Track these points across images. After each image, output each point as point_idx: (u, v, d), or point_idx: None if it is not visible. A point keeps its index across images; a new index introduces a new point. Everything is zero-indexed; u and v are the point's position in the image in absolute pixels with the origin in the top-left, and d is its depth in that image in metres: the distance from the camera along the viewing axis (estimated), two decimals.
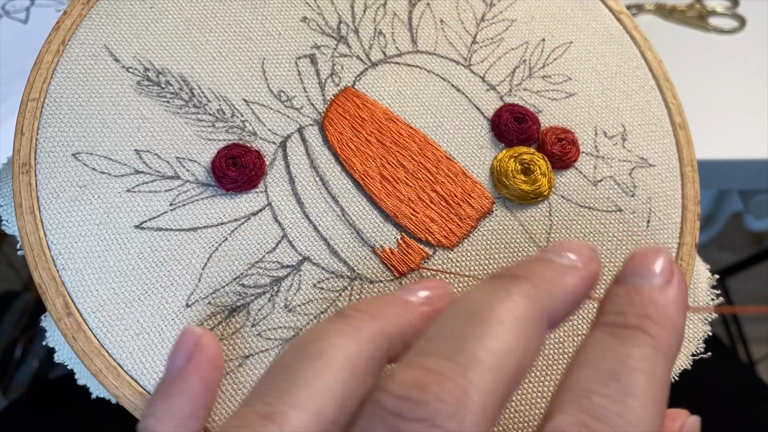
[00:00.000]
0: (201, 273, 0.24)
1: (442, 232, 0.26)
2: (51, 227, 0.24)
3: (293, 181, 0.26)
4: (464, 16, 0.31)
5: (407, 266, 0.26)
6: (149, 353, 0.23)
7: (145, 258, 0.24)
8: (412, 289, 0.19)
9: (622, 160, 0.29)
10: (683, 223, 0.29)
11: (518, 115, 0.28)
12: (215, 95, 0.27)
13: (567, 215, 0.28)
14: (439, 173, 0.27)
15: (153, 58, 0.27)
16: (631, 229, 0.28)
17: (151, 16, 0.28)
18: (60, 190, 0.25)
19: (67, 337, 0.23)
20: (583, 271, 0.18)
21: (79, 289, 0.24)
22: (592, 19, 0.32)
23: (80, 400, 0.32)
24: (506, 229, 0.27)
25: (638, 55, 0.32)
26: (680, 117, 0.31)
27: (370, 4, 0.30)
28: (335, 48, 0.29)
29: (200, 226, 0.25)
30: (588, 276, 0.18)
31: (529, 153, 0.28)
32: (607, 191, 0.28)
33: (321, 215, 0.26)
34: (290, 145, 0.27)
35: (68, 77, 0.26)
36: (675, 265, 0.18)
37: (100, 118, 0.26)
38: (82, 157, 0.25)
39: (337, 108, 0.28)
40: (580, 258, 0.18)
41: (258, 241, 0.25)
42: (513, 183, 0.27)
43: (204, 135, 0.26)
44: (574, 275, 0.17)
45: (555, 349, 0.26)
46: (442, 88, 0.29)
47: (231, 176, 0.25)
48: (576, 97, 0.30)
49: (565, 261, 0.18)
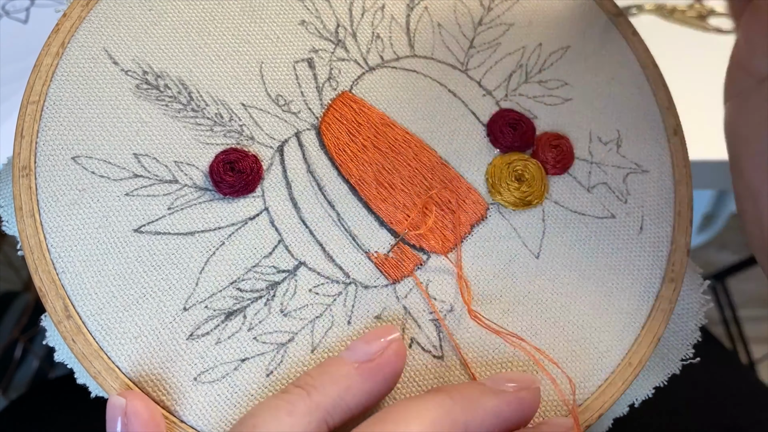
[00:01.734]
0: (198, 277, 0.25)
1: (436, 238, 0.27)
2: (51, 230, 0.25)
3: (290, 186, 0.27)
4: (462, 20, 0.31)
5: (401, 272, 0.26)
6: (147, 356, 0.24)
7: (144, 262, 0.25)
8: (355, 349, 0.22)
9: (616, 166, 0.29)
10: (676, 228, 0.29)
11: (513, 121, 0.29)
12: (213, 99, 0.27)
13: (560, 221, 0.28)
14: (434, 179, 0.28)
15: (152, 61, 0.27)
16: (623, 235, 0.28)
17: (150, 19, 0.28)
18: (60, 194, 0.25)
19: (66, 340, 0.24)
20: (510, 396, 0.20)
21: (79, 292, 0.24)
22: (589, 23, 0.32)
23: (80, 400, 0.33)
24: (500, 235, 0.27)
25: (634, 59, 0.32)
26: (675, 122, 0.31)
27: (368, 7, 0.30)
28: (333, 52, 0.29)
29: (198, 230, 0.25)
30: (515, 401, 0.20)
31: (524, 159, 0.28)
32: (601, 197, 0.29)
33: (317, 220, 0.26)
34: (287, 150, 0.27)
35: (67, 80, 0.27)
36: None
37: (99, 122, 0.26)
38: (81, 161, 0.26)
39: (334, 113, 0.28)
40: (514, 385, 0.20)
41: (255, 245, 0.26)
42: (507, 189, 0.27)
43: (202, 139, 0.27)
44: (498, 397, 0.20)
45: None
46: (438, 92, 0.29)
47: (228, 181, 0.26)
48: (572, 102, 0.30)
49: (495, 386, 0.20)
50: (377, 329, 0.22)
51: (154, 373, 0.24)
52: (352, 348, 0.21)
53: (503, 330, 0.26)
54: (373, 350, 0.21)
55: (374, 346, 0.21)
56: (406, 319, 0.25)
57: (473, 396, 0.20)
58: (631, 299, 0.27)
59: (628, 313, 0.27)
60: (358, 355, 0.21)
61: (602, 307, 0.27)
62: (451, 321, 0.26)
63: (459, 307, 0.26)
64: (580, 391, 0.26)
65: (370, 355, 0.21)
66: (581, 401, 0.26)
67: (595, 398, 0.26)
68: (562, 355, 0.26)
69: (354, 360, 0.21)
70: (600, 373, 0.26)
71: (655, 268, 0.28)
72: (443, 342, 0.25)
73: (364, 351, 0.21)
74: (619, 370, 0.26)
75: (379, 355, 0.21)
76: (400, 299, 0.26)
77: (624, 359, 0.26)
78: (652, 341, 0.27)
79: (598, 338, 0.26)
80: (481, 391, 0.20)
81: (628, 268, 0.28)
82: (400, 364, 0.21)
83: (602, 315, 0.27)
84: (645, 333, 0.27)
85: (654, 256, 0.28)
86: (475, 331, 0.26)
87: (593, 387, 0.26)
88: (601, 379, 0.26)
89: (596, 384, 0.26)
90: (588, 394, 0.26)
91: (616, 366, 0.26)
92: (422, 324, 0.25)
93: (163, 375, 0.24)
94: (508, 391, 0.20)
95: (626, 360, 0.26)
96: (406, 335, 0.25)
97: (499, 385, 0.21)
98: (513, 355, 0.26)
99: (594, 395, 0.26)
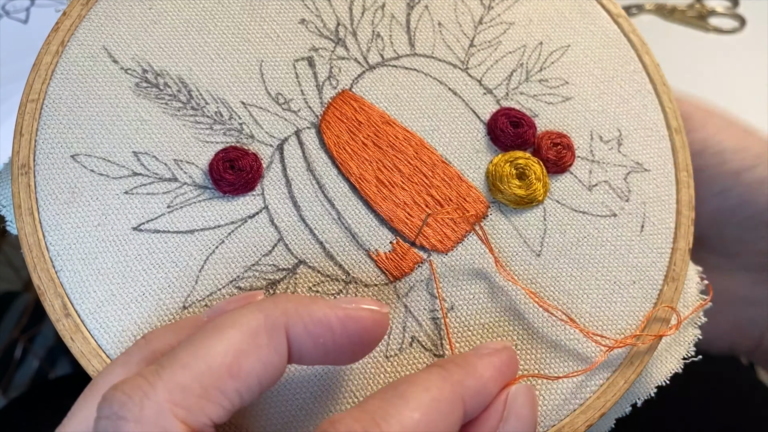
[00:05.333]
0: (198, 275, 0.25)
1: (436, 236, 0.27)
2: (50, 228, 0.25)
3: (290, 185, 0.27)
4: (462, 18, 0.31)
5: (401, 270, 0.26)
6: None
7: (143, 260, 0.25)
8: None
9: (617, 164, 0.29)
10: (677, 228, 0.29)
11: (514, 119, 0.29)
12: (213, 97, 0.27)
13: (561, 220, 0.28)
14: (435, 177, 0.27)
15: (151, 59, 0.27)
16: (625, 234, 0.28)
17: (149, 18, 0.28)
18: (59, 192, 0.25)
19: (65, 338, 0.24)
20: (494, 357, 0.22)
21: (77, 290, 0.24)
22: (590, 22, 0.32)
23: None
24: (500, 233, 0.27)
25: (635, 58, 0.32)
26: (676, 121, 0.31)
27: (369, 6, 0.30)
28: (333, 50, 0.29)
29: (197, 229, 0.25)
30: (500, 360, 0.22)
31: (525, 157, 0.28)
32: (602, 196, 0.29)
33: (317, 219, 0.26)
34: (287, 148, 0.27)
35: (67, 78, 0.26)
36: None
37: (98, 120, 0.26)
38: (80, 159, 0.26)
39: (334, 111, 0.28)
40: (492, 349, 0.23)
41: (254, 244, 0.25)
42: (508, 187, 0.27)
43: (202, 137, 0.27)
44: (484, 359, 0.22)
45: None
46: (439, 91, 0.29)
47: (228, 179, 0.26)
48: (573, 101, 0.30)
49: (478, 352, 0.22)
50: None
51: None
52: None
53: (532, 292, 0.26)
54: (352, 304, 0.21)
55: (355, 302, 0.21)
56: (406, 317, 0.25)
57: (463, 361, 0.21)
58: (633, 298, 0.27)
59: (629, 312, 0.27)
60: (344, 302, 0.21)
61: (603, 305, 0.27)
62: (452, 320, 0.26)
63: (460, 305, 0.26)
64: (582, 390, 0.26)
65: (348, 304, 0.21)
66: (583, 400, 0.25)
67: (597, 397, 0.26)
68: (564, 353, 0.26)
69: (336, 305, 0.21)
70: (602, 372, 0.26)
71: (657, 267, 0.28)
72: (443, 340, 0.25)
73: (346, 301, 0.21)
74: (621, 370, 0.26)
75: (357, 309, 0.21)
76: (400, 297, 0.26)
77: (626, 358, 0.26)
78: (653, 341, 0.27)
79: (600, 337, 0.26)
80: (468, 356, 0.22)
81: (629, 267, 0.28)
82: (372, 327, 0.21)
83: (604, 314, 0.27)
84: (646, 332, 0.27)
85: (655, 256, 0.28)
86: (476, 329, 0.26)
87: (595, 386, 0.26)
88: (603, 378, 0.26)
89: (598, 383, 0.26)
90: (590, 393, 0.26)
91: (618, 365, 0.26)
92: (423, 322, 0.25)
93: None
94: (490, 353, 0.22)
95: (628, 359, 0.26)
96: (407, 334, 0.25)
97: (481, 350, 0.22)
98: None
99: (596, 394, 0.26)
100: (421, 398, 0.19)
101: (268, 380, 0.19)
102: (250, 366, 0.19)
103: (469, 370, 0.21)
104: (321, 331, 0.20)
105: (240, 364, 0.19)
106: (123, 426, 0.18)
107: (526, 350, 0.26)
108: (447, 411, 0.19)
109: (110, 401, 0.18)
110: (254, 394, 0.19)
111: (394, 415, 0.18)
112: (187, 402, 0.18)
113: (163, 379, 0.18)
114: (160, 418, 0.18)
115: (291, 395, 0.24)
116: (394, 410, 0.19)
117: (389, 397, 0.19)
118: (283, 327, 0.20)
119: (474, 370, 0.21)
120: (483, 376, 0.21)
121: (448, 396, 0.20)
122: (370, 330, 0.21)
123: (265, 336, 0.19)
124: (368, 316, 0.21)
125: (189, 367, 0.18)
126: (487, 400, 0.21)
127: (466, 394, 0.20)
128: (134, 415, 0.18)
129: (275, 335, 0.19)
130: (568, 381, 0.26)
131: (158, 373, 0.18)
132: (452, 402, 0.20)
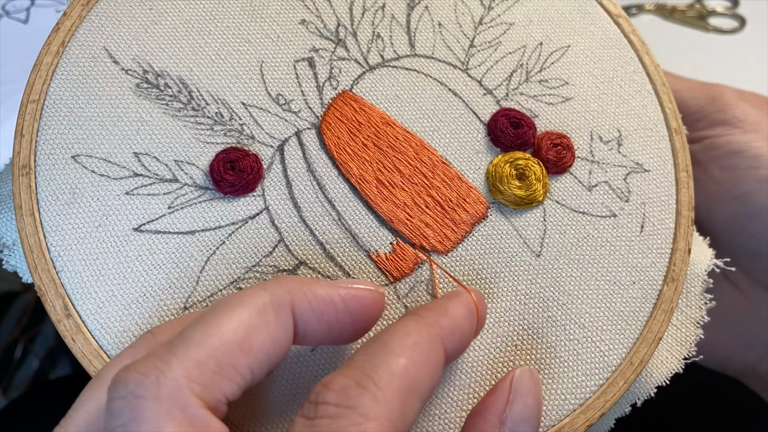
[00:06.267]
0: (199, 276, 0.25)
1: (436, 237, 0.27)
2: (50, 229, 0.25)
3: (290, 185, 0.27)
4: (462, 19, 0.31)
5: (401, 271, 0.26)
6: None
7: (144, 261, 0.25)
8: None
9: (617, 165, 0.29)
10: (677, 229, 0.29)
11: (514, 120, 0.29)
12: (214, 98, 0.27)
13: (561, 220, 0.28)
14: (435, 178, 0.28)
15: (152, 60, 0.27)
16: (624, 235, 0.28)
17: (150, 18, 0.28)
18: (59, 193, 0.25)
19: (66, 339, 0.24)
20: (461, 299, 0.23)
21: (78, 291, 0.24)
22: (590, 22, 0.32)
23: None
24: (500, 234, 0.27)
25: (635, 59, 0.32)
26: (676, 122, 0.31)
27: (369, 6, 0.30)
28: (333, 51, 0.29)
29: (198, 230, 0.25)
30: (466, 303, 0.23)
31: (525, 158, 0.28)
32: (602, 196, 0.29)
33: (317, 219, 0.26)
34: (288, 149, 0.27)
35: (68, 79, 0.26)
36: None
37: (99, 121, 0.26)
38: (81, 160, 0.26)
39: (334, 112, 0.28)
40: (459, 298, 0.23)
41: (255, 245, 0.25)
42: (508, 188, 0.27)
43: (202, 138, 0.27)
44: (453, 300, 0.23)
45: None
46: (439, 92, 0.29)
47: (229, 180, 0.26)
48: (572, 101, 0.30)
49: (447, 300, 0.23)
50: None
51: None
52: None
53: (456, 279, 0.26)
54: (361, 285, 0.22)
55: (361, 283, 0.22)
56: None
57: (434, 305, 0.22)
58: (633, 299, 0.27)
59: (629, 312, 0.27)
60: (344, 282, 0.22)
61: (603, 306, 0.27)
62: None
63: None
64: (582, 390, 0.26)
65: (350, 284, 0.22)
66: (582, 400, 0.26)
67: (597, 398, 0.26)
68: (564, 354, 0.26)
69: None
70: (601, 372, 0.26)
71: (657, 267, 0.28)
72: None
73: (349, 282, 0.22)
74: (621, 370, 0.26)
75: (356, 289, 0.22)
76: (400, 298, 0.26)
77: (625, 359, 0.26)
78: (653, 341, 0.27)
79: (600, 338, 0.26)
80: (438, 301, 0.23)
81: (629, 267, 0.28)
82: (370, 306, 0.22)
83: (603, 314, 0.27)
84: (646, 333, 0.27)
85: (655, 256, 0.28)
86: None
87: (595, 386, 0.26)
88: (603, 379, 0.26)
89: (597, 383, 0.26)
90: (589, 393, 0.26)
91: (617, 365, 0.26)
92: None
93: None
94: (458, 295, 0.23)
95: (628, 359, 0.26)
96: None
97: (449, 295, 0.23)
98: (512, 354, 0.26)
99: (595, 394, 0.26)
100: (404, 344, 0.20)
101: (276, 357, 0.20)
102: (261, 342, 0.19)
103: (441, 312, 0.22)
104: (325, 308, 0.21)
105: (251, 340, 0.19)
106: (140, 404, 0.17)
107: (525, 350, 0.26)
108: (429, 351, 0.20)
109: (124, 381, 0.18)
110: (263, 372, 0.19)
111: (381, 365, 0.19)
112: (204, 378, 0.18)
113: (177, 357, 0.18)
114: (178, 394, 0.17)
115: (292, 395, 0.24)
116: (380, 360, 0.19)
117: (373, 349, 0.20)
118: (288, 305, 0.20)
119: (446, 311, 0.22)
120: (455, 315, 0.22)
121: (427, 337, 0.20)
122: (370, 308, 0.21)
123: (273, 313, 0.20)
124: (368, 295, 0.21)
125: (203, 344, 0.18)
126: (464, 339, 0.22)
127: (443, 334, 0.21)
128: (152, 393, 0.17)
129: (282, 312, 0.20)
130: (568, 381, 0.26)
131: (171, 351, 0.18)
132: (432, 342, 0.20)
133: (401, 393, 0.19)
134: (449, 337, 0.21)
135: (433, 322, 0.21)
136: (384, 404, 0.18)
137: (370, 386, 0.18)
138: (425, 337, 0.20)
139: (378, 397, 0.18)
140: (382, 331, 0.21)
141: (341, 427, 0.18)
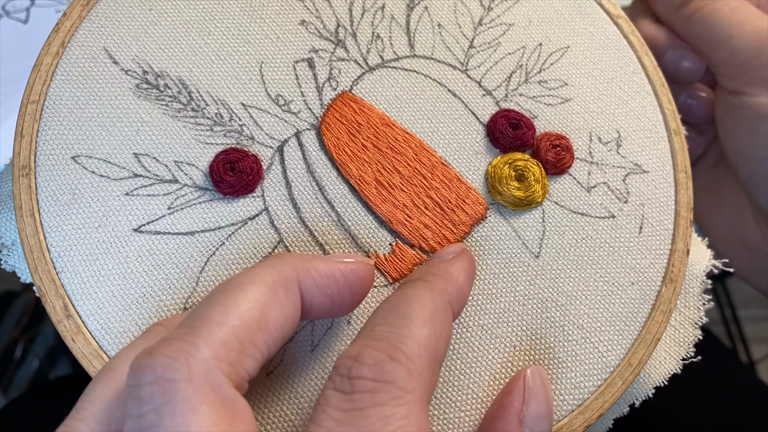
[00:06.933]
0: (198, 277, 0.25)
1: (435, 238, 0.27)
2: (50, 230, 0.25)
3: (290, 186, 0.27)
4: (462, 20, 0.31)
5: (400, 272, 0.26)
6: None
7: (144, 261, 0.25)
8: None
9: (616, 166, 0.29)
10: (676, 230, 0.29)
11: (513, 121, 0.29)
12: (213, 99, 0.27)
13: (560, 221, 0.28)
14: (434, 179, 0.28)
15: (152, 60, 0.27)
16: (623, 236, 0.28)
17: (150, 19, 0.28)
18: (59, 193, 0.25)
19: (66, 339, 0.24)
20: (461, 257, 0.24)
21: (78, 291, 0.24)
22: (589, 23, 0.32)
23: None
24: (499, 235, 0.27)
25: (635, 59, 0.32)
26: (675, 123, 0.31)
27: (369, 7, 0.30)
28: (333, 52, 0.29)
29: (198, 230, 0.25)
30: (465, 258, 0.24)
31: (524, 159, 0.28)
32: (601, 197, 0.29)
33: (317, 220, 0.26)
34: (287, 150, 0.27)
35: (67, 80, 0.27)
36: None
37: (99, 121, 0.26)
38: (81, 160, 0.26)
39: (334, 113, 0.28)
40: (454, 254, 0.24)
41: (254, 245, 0.26)
42: (507, 189, 0.27)
43: (202, 139, 0.27)
44: (452, 261, 0.24)
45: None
46: (438, 93, 0.29)
47: (228, 181, 0.26)
48: (572, 102, 0.30)
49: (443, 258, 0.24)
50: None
51: None
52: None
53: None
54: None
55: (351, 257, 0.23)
56: None
57: (439, 270, 0.23)
58: (631, 300, 0.27)
59: (628, 313, 0.27)
60: (340, 256, 0.23)
61: (602, 307, 0.27)
62: None
63: None
64: (580, 390, 0.26)
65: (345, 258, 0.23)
66: (581, 401, 0.26)
67: (595, 398, 0.26)
68: (562, 355, 0.26)
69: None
70: (600, 373, 0.26)
71: (655, 268, 0.28)
72: None
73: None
74: (619, 371, 0.26)
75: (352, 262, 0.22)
76: None
77: (624, 359, 0.26)
78: (651, 342, 0.27)
79: (598, 338, 0.27)
80: (440, 265, 0.23)
81: (627, 268, 0.28)
82: (361, 278, 0.22)
83: (602, 315, 0.27)
84: (645, 333, 0.27)
85: (653, 257, 0.28)
86: (475, 330, 0.26)
87: (593, 387, 0.26)
88: (601, 379, 0.26)
89: (596, 384, 0.26)
90: (588, 394, 0.26)
91: (615, 366, 0.26)
92: None
93: None
94: (455, 258, 0.24)
95: (626, 360, 0.26)
96: None
97: (445, 256, 0.24)
98: (510, 355, 0.26)
99: (594, 395, 0.26)
100: (424, 314, 0.20)
101: (287, 332, 0.20)
102: (275, 318, 0.19)
103: (447, 278, 0.23)
104: (328, 282, 0.21)
105: (267, 317, 0.19)
106: (173, 387, 0.17)
107: (525, 351, 0.26)
108: (444, 318, 0.21)
109: (151, 366, 0.17)
110: (277, 347, 0.20)
111: (408, 336, 0.19)
112: (230, 357, 0.18)
113: (202, 338, 0.18)
114: (210, 375, 0.17)
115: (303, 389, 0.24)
116: (406, 331, 0.20)
117: (395, 320, 0.20)
118: (295, 281, 0.21)
119: (451, 276, 0.23)
120: (458, 280, 0.23)
121: (441, 306, 0.21)
122: (366, 279, 0.22)
123: (282, 289, 0.20)
124: (364, 268, 0.22)
125: (224, 323, 0.18)
126: (464, 301, 0.23)
127: (451, 300, 0.22)
128: (184, 375, 0.17)
129: (290, 288, 0.20)
130: (566, 381, 0.26)
131: (194, 333, 0.18)
132: (445, 310, 0.21)
133: (430, 363, 0.19)
134: (456, 302, 0.22)
135: (442, 289, 0.22)
136: (417, 376, 0.19)
137: (402, 359, 0.19)
138: (440, 305, 0.21)
139: (411, 370, 0.19)
140: (395, 300, 0.21)
141: (383, 401, 0.18)
